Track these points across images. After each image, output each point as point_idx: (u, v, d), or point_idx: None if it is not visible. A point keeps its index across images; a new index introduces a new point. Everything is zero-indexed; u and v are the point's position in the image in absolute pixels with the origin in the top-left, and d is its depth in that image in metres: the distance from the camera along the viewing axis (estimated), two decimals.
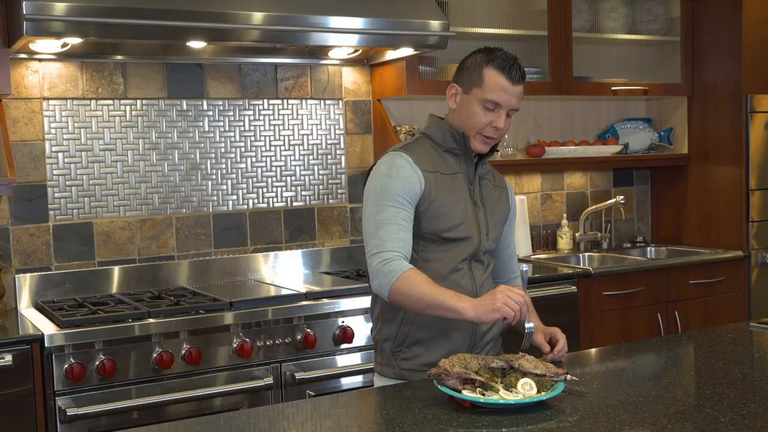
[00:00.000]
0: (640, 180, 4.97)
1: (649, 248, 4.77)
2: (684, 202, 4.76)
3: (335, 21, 3.35)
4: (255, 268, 3.87)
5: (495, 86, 2.24)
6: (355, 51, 3.84)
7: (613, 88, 4.43)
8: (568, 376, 2.01)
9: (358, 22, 3.40)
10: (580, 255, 4.54)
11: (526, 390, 1.93)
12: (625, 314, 4.07)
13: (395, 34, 3.48)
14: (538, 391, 1.93)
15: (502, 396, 1.90)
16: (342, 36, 3.38)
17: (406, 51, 3.69)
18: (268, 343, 3.21)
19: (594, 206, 4.66)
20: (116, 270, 3.59)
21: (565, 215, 4.66)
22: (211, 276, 3.77)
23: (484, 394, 1.92)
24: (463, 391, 1.92)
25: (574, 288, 3.89)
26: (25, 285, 3.44)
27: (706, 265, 4.31)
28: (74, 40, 3.18)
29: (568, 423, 1.81)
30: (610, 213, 4.80)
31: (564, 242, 4.61)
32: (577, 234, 4.66)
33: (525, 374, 1.98)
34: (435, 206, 2.25)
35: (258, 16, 3.22)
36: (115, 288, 3.58)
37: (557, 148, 4.43)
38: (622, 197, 4.57)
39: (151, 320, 3.04)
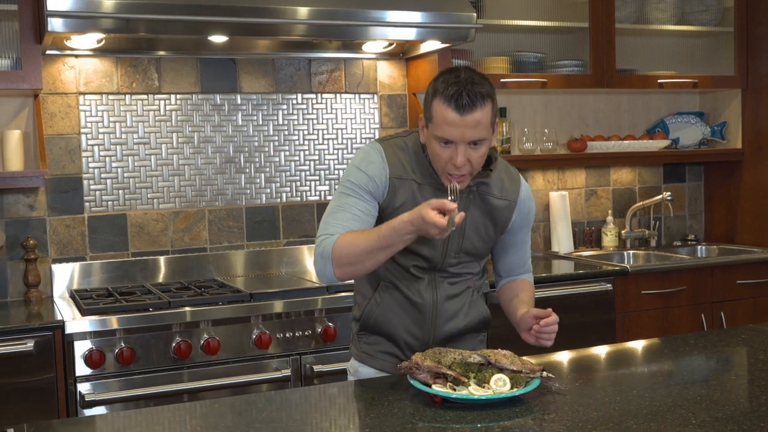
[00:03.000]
0: (693, 176, 4.81)
1: (699, 246, 4.61)
2: (737, 199, 4.58)
3: (361, 15, 3.36)
4: (288, 261, 3.90)
5: (441, 121, 2.01)
6: (390, 44, 3.83)
7: (659, 81, 4.30)
8: (544, 373, 1.96)
9: (384, 15, 3.39)
10: (625, 253, 4.42)
11: (498, 386, 1.89)
12: (665, 314, 3.94)
13: (421, 28, 3.45)
14: (512, 388, 1.89)
15: (471, 391, 1.87)
16: (360, 29, 3.38)
17: (435, 44, 3.66)
18: (287, 335, 3.23)
19: (640, 203, 4.53)
20: (149, 261, 3.67)
21: (610, 212, 4.55)
22: (244, 268, 3.81)
23: (455, 389, 1.89)
24: (434, 386, 1.90)
25: (609, 286, 3.79)
26: (61, 274, 3.55)
27: (755, 264, 4.14)
28: (98, 36, 3.26)
29: (532, 420, 1.77)
30: (660, 210, 4.66)
31: (609, 239, 4.49)
32: (623, 231, 4.54)
33: (501, 370, 1.94)
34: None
35: (297, 11, 3.25)
36: (148, 279, 3.66)
37: (600, 142, 4.33)
38: (669, 193, 4.43)
39: (171, 310, 3.10)
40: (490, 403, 1.85)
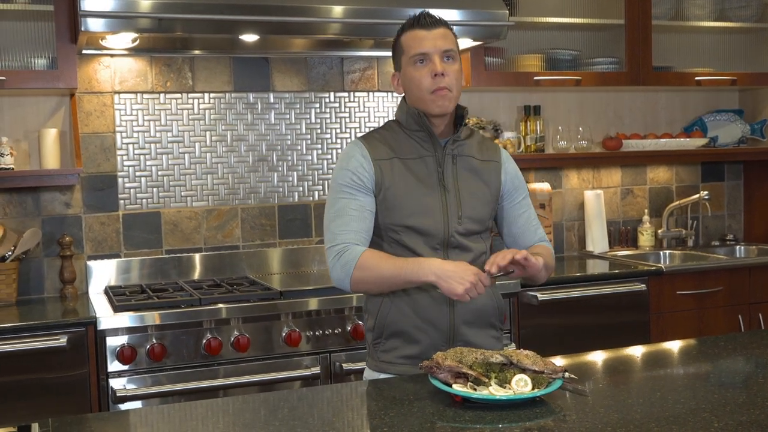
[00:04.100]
0: (732, 175, 4.73)
1: (738, 247, 4.54)
2: None
3: (394, 13, 3.35)
4: (321, 259, 3.91)
5: (412, 42, 2.21)
6: None
7: (697, 78, 4.23)
8: (567, 374, 1.94)
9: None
10: (661, 252, 4.36)
11: (520, 386, 1.87)
12: (701, 314, 3.89)
13: (453, 26, 3.40)
14: (533, 388, 1.87)
15: (492, 392, 1.85)
16: (393, 28, 3.35)
17: (467, 42, 3.64)
18: (317, 333, 3.24)
19: (677, 202, 4.47)
20: (183, 258, 3.71)
21: (647, 211, 4.49)
22: (277, 266, 3.83)
23: (476, 389, 1.88)
24: (454, 386, 1.89)
25: (643, 286, 3.74)
26: (97, 271, 3.60)
27: None
28: (132, 35, 3.30)
29: (552, 421, 1.75)
30: (698, 209, 4.59)
31: (645, 239, 4.44)
32: (660, 231, 4.48)
33: (523, 370, 1.93)
34: (389, 196, 2.20)
35: (330, 10, 3.26)
36: (182, 276, 3.70)
37: (636, 141, 4.27)
38: (706, 192, 4.36)
39: (202, 307, 3.13)
40: (511, 404, 1.83)
